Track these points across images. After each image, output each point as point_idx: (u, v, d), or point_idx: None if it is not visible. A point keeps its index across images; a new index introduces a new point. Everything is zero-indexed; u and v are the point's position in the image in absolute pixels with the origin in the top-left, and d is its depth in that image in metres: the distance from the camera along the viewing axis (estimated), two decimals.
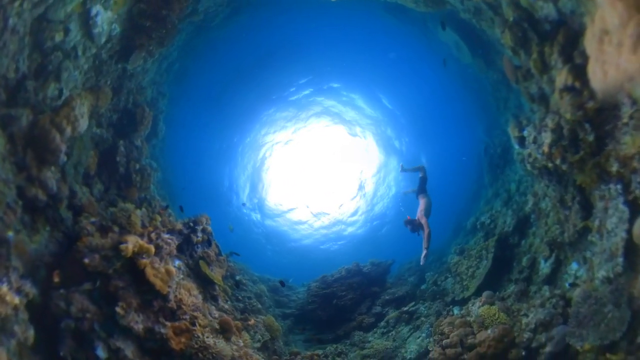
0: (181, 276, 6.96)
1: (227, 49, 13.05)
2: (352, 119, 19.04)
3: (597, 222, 5.07)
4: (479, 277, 8.75)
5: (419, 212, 8.39)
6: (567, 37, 5.14)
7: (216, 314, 7.15)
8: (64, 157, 5.65)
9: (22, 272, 4.71)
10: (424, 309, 9.72)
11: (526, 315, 6.21)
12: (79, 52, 6.01)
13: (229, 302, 8.34)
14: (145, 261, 5.82)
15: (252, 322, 8.06)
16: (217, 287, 7.95)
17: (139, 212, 7.21)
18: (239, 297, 9.35)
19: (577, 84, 4.90)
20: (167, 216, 8.66)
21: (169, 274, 6.10)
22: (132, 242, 5.74)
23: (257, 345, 7.61)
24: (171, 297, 6.09)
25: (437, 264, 11.70)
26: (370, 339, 9.54)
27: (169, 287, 6.03)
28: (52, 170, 5.52)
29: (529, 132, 6.54)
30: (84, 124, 5.98)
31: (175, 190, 12.80)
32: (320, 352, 8.82)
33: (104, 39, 6.31)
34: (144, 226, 6.96)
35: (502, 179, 10.53)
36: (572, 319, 5.17)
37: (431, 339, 7.87)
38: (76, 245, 5.48)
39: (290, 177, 22.20)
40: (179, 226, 7.64)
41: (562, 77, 5.09)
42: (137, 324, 5.44)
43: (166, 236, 6.93)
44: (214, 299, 7.76)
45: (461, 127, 14.19)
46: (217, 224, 9.00)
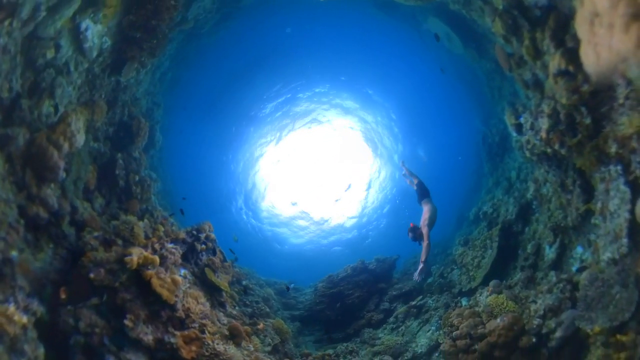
0: (187, 285, 6.96)
1: (219, 55, 13.06)
2: (347, 118, 19.04)
3: (599, 205, 5.07)
4: (485, 267, 8.74)
5: (422, 220, 8.03)
6: (557, 22, 5.14)
7: (225, 320, 7.15)
8: (63, 174, 5.65)
9: (29, 291, 4.71)
10: (432, 302, 9.72)
11: (534, 301, 6.20)
12: (72, 68, 6.01)
13: (237, 308, 8.34)
14: (150, 272, 5.82)
15: (261, 326, 8.06)
16: (224, 294, 7.95)
17: (141, 223, 7.21)
18: (247, 302, 9.35)
19: (571, 68, 4.91)
20: (169, 226, 8.66)
21: (175, 283, 6.10)
22: (136, 254, 5.74)
23: (268, 349, 7.61)
24: (179, 306, 6.09)
25: (442, 256, 11.70)
26: (380, 335, 9.54)
27: (176, 296, 6.03)
28: (51, 187, 5.52)
29: (526, 119, 6.54)
30: (80, 139, 5.98)
31: (176, 199, 12.80)
32: (331, 351, 8.82)
33: (95, 53, 6.31)
34: (147, 237, 6.96)
35: (502, 168, 10.52)
36: (580, 302, 5.17)
37: (441, 332, 7.87)
38: (81, 260, 5.48)
39: (288, 179, 22.20)
40: (182, 235, 7.64)
41: (555, 62, 5.09)
42: (147, 335, 5.44)
43: (170, 246, 6.94)
44: (222, 305, 7.76)
45: (458, 118, 14.20)
46: (218, 230, 8.99)
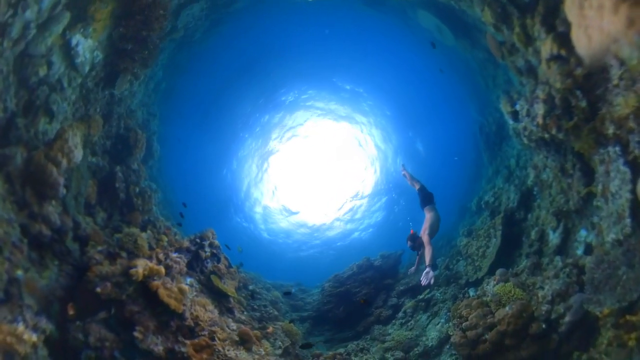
0: (194, 293, 6.97)
1: (212, 62, 13.07)
2: (343, 117, 19.04)
3: (600, 187, 5.06)
4: (490, 256, 8.74)
5: (422, 229, 7.50)
6: (547, 7, 5.14)
7: (234, 325, 7.15)
8: (63, 190, 5.65)
9: (36, 309, 4.71)
10: (439, 295, 9.72)
11: (542, 287, 6.20)
12: (65, 84, 6.01)
13: (246, 313, 8.34)
14: (157, 283, 5.82)
15: (270, 329, 8.06)
16: (231, 299, 7.95)
17: (144, 235, 7.21)
18: (255, 307, 9.35)
19: (563, 52, 4.90)
20: (173, 235, 8.66)
21: (182, 292, 6.10)
22: (141, 266, 5.74)
23: (279, 351, 7.61)
24: (187, 315, 6.09)
25: (447, 248, 11.70)
26: (390, 331, 9.54)
27: (184, 305, 6.03)
28: (53, 204, 5.52)
29: (521, 106, 6.54)
30: (78, 154, 5.98)
31: (177, 209, 12.78)
32: (342, 350, 8.82)
33: (87, 68, 6.31)
34: (151, 248, 6.96)
35: (501, 156, 10.52)
36: (587, 285, 5.17)
37: (450, 324, 7.86)
38: (86, 275, 5.48)
39: (289, 181, 22.22)
40: (186, 244, 7.65)
41: (547, 47, 5.09)
42: (157, 346, 5.44)
43: (174, 255, 6.94)
44: (230, 311, 7.76)
45: (453, 110, 14.19)
46: (221, 236, 9.00)
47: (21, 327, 4.27)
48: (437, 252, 11.80)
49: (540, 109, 5.76)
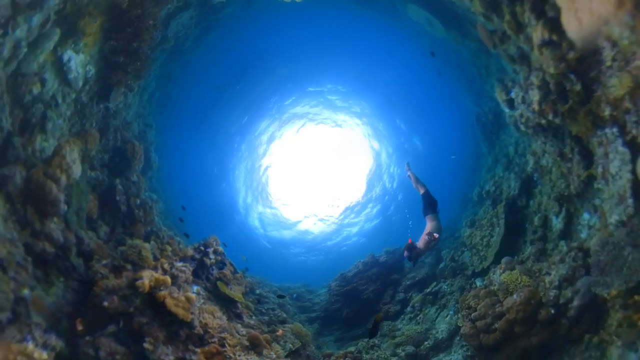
0: (202, 301, 6.97)
1: (204, 69, 13.08)
2: (339, 116, 19.04)
3: (600, 169, 5.06)
4: (495, 245, 8.75)
5: (421, 238, 7.35)
6: None
7: (243, 331, 7.15)
8: (64, 206, 5.65)
9: (45, 326, 4.71)
10: (446, 287, 9.72)
11: (548, 273, 6.20)
12: (59, 100, 6.01)
13: (254, 317, 8.34)
14: (163, 293, 5.82)
15: (280, 332, 8.06)
16: (239, 305, 7.95)
17: (148, 245, 7.20)
18: (263, 310, 9.35)
19: (555, 37, 4.90)
20: (177, 245, 8.66)
21: (189, 301, 6.10)
22: (147, 277, 5.74)
23: (290, 354, 7.60)
24: (196, 323, 6.09)
25: (451, 240, 11.70)
26: (399, 326, 9.54)
27: (192, 313, 6.03)
28: (54, 221, 5.51)
29: (516, 93, 6.54)
30: (77, 170, 5.98)
31: (179, 217, 12.79)
32: (352, 348, 8.82)
33: (81, 83, 6.31)
34: (156, 259, 6.95)
35: (499, 145, 10.52)
36: (593, 268, 5.16)
37: (459, 315, 7.86)
38: (93, 290, 5.48)
39: (289, 183, 22.24)
40: (190, 252, 7.65)
41: (538, 33, 5.09)
42: (168, 356, 5.44)
43: (179, 264, 6.94)
44: (239, 316, 7.76)
45: (449, 101, 14.19)
46: (225, 242, 9.00)
47: (31, 345, 4.27)
48: (441, 244, 11.83)
49: (535, 95, 5.76)
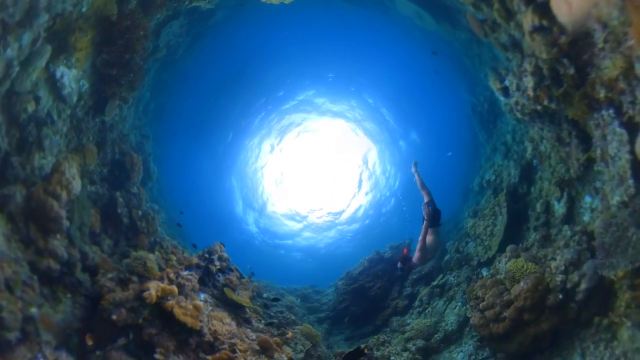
0: (210, 308, 6.97)
1: (198, 76, 13.08)
2: (334, 116, 19.03)
3: (598, 151, 5.07)
4: (499, 234, 8.75)
5: (416, 253, 7.01)
6: None
7: (253, 335, 7.15)
8: (66, 223, 5.65)
9: (55, 344, 4.71)
10: (453, 279, 9.72)
11: (554, 258, 6.21)
12: (55, 117, 6.01)
13: (263, 321, 8.34)
14: (171, 303, 5.82)
15: (290, 334, 8.06)
16: (247, 310, 7.95)
17: (152, 256, 7.20)
18: (272, 314, 9.35)
19: (545, 23, 4.90)
20: (181, 253, 8.66)
21: (197, 309, 6.10)
22: (154, 288, 5.74)
23: (301, 355, 7.61)
24: (205, 330, 6.09)
25: (455, 231, 11.70)
26: (408, 321, 9.54)
27: (201, 321, 6.03)
28: (58, 238, 5.51)
29: (510, 81, 6.54)
30: (77, 185, 5.97)
31: (183, 227, 12.79)
32: (363, 346, 8.82)
33: (75, 98, 6.30)
34: (161, 269, 6.96)
35: (496, 133, 10.52)
36: (599, 251, 5.16)
37: (468, 306, 7.87)
38: (100, 304, 5.48)
39: (289, 186, 22.24)
40: (196, 260, 7.65)
41: (528, 19, 5.08)
42: None
43: (185, 273, 6.94)
44: (247, 321, 7.76)
45: (443, 93, 14.19)
46: (229, 248, 8.99)
47: None
48: (444, 236, 11.84)
49: (529, 82, 5.76)
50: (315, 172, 23.04)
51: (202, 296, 7.17)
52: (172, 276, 6.58)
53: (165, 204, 11.73)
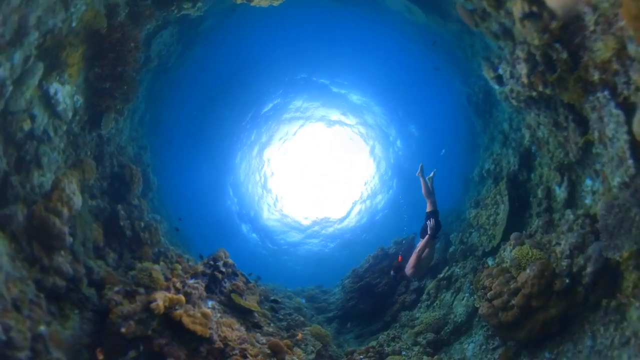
0: (218, 315, 6.96)
1: (192, 84, 13.09)
2: (331, 115, 19.02)
3: (596, 134, 5.06)
4: (502, 223, 8.75)
5: (410, 261, 6.97)
6: None
7: (263, 339, 7.15)
8: (69, 239, 5.65)
9: None
10: (459, 270, 9.73)
11: (558, 244, 6.21)
12: (51, 134, 6.01)
13: (272, 324, 8.34)
14: (179, 312, 5.82)
15: (300, 336, 8.06)
16: (255, 314, 7.95)
17: (158, 267, 7.20)
18: (280, 316, 9.35)
19: (535, 9, 4.90)
20: (186, 262, 8.67)
21: (205, 316, 6.10)
22: (161, 298, 5.74)
23: (312, 356, 7.61)
24: (215, 337, 6.09)
25: (458, 223, 11.71)
26: (417, 315, 9.55)
27: (210, 328, 6.03)
28: (62, 254, 5.51)
29: (504, 69, 6.54)
30: (78, 201, 5.97)
31: (185, 235, 12.80)
32: (374, 343, 8.83)
33: (70, 114, 6.30)
34: (167, 279, 6.96)
35: (493, 122, 10.52)
36: (602, 233, 5.17)
37: (475, 296, 7.87)
38: (109, 318, 5.48)
39: (289, 190, 22.24)
40: (201, 268, 7.65)
41: (517, 6, 5.08)
42: None
43: (191, 282, 6.94)
44: (257, 326, 7.76)
45: (438, 86, 14.19)
46: (234, 255, 8.99)
47: None
48: (448, 228, 11.84)
49: (523, 69, 5.76)
50: (314, 174, 23.05)
51: (210, 303, 7.17)
52: (178, 285, 6.58)
53: (167, 213, 11.73)
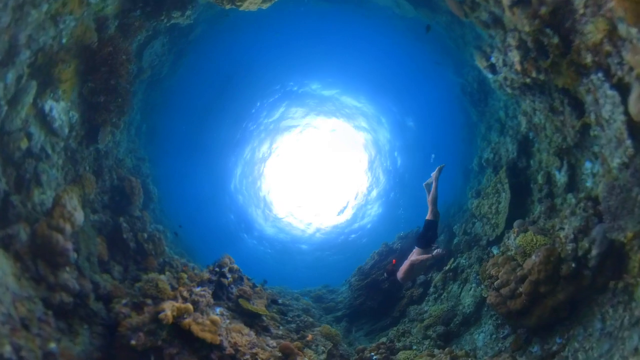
0: (227, 321, 6.97)
1: (186, 92, 13.09)
2: (328, 115, 19.01)
3: (592, 116, 5.06)
4: (504, 211, 8.74)
5: (401, 268, 7.05)
6: None
7: (273, 342, 7.15)
8: (74, 255, 5.65)
9: None
10: (464, 261, 9.72)
11: (562, 228, 6.20)
12: (49, 151, 6.01)
13: (282, 327, 8.34)
14: (188, 320, 5.82)
15: (310, 337, 8.06)
16: (264, 318, 7.95)
17: (163, 277, 7.20)
18: (289, 319, 9.35)
19: None
20: (192, 270, 8.67)
21: (214, 323, 6.11)
22: (169, 308, 5.74)
23: (323, 356, 7.61)
24: (225, 344, 6.10)
25: (460, 214, 11.71)
26: (425, 308, 9.55)
27: (220, 335, 6.03)
28: (67, 270, 5.51)
29: (496, 57, 6.54)
30: (79, 216, 5.97)
31: (189, 244, 12.81)
32: (384, 339, 8.83)
33: (67, 130, 6.31)
34: (174, 288, 6.96)
35: (489, 111, 10.52)
36: (605, 214, 5.16)
37: (482, 286, 7.87)
38: (118, 331, 5.48)
39: (289, 190, 22.23)
40: (207, 275, 7.65)
41: None
42: None
43: (198, 289, 6.94)
44: (266, 329, 7.76)
45: (431, 78, 14.19)
46: (239, 260, 8.99)
47: None
48: (450, 219, 11.84)
49: (515, 56, 5.76)
50: (312, 175, 23.05)
51: (218, 310, 7.17)
52: (185, 294, 6.58)
53: (169, 223, 11.73)
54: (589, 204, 5.81)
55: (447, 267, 10.01)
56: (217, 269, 7.88)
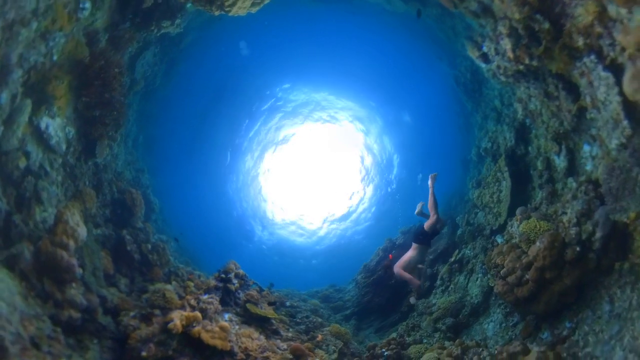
0: (237, 326, 6.97)
1: (181, 101, 13.10)
2: (325, 115, 19.01)
3: (588, 99, 5.06)
4: (506, 199, 8.75)
5: (398, 263, 7.40)
6: None
7: (284, 345, 7.15)
8: (79, 270, 5.65)
9: None
10: (469, 252, 9.73)
11: (564, 213, 6.20)
12: (48, 168, 6.01)
13: (291, 329, 8.35)
14: (197, 329, 5.83)
15: (320, 337, 8.06)
16: (273, 321, 7.96)
17: (170, 287, 7.21)
18: (298, 320, 9.35)
19: None
20: (197, 278, 8.67)
21: (224, 330, 6.11)
22: (177, 318, 5.75)
23: (334, 356, 7.61)
24: (236, 349, 6.10)
25: (462, 204, 11.71)
26: (433, 301, 9.55)
27: (230, 341, 6.04)
28: (73, 286, 5.51)
29: (488, 46, 6.54)
30: (82, 231, 5.97)
31: (194, 252, 12.82)
32: (394, 334, 8.83)
33: (64, 146, 6.31)
34: (181, 297, 6.96)
35: (484, 101, 10.52)
36: (607, 196, 5.16)
37: (489, 276, 7.87)
38: (128, 343, 5.48)
39: (290, 192, 22.24)
40: (213, 282, 7.66)
41: None
42: None
43: (205, 297, 6.95)
44: (276, 332, 7.77)
45: (424, 71, 14.19)
46: (245, 265, 8.99)
47: None
48: (452, 210, 11.84)
49: (507, 44, 5.76)
50: (313, 177, 23.05)
51: (227, 316, 7.18)
52: (193, 302, 6.59)
53: (172, 232, 11.73)
54: (590, 187, 5.82)
55: (452, 259, 10.02)
56: (223, 276, 7.89)
